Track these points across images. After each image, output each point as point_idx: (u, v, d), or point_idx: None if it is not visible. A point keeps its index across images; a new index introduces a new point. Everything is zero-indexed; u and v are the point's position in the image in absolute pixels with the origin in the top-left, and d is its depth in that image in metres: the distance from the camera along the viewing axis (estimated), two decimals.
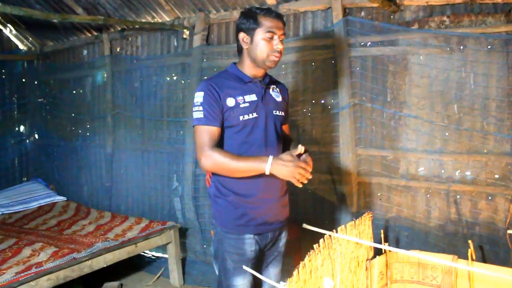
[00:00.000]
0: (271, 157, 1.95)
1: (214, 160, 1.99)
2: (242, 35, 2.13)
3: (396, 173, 3.35)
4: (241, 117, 2.06)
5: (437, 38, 3.13)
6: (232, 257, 2.15)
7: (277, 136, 2.18)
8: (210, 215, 4.17)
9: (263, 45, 2.07)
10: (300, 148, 1.99)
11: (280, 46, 2.07)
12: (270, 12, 2.11)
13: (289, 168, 1.93)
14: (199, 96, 2.06)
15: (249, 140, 2.10)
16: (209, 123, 2.03)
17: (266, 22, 2.07)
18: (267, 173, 1.96)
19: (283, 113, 2.24)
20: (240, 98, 2.07)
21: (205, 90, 2.05)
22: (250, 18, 2.11)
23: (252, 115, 2.08)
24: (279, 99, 2.24)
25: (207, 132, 2.03)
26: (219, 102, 2.04)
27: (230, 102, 2.06)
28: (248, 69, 2.15)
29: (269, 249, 2.27)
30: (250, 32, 2.10)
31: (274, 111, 2.17)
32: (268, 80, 2.21)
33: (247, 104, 2.08)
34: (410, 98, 3.26)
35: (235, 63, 2.21)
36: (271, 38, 2.07)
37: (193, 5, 4.13)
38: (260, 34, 2.07)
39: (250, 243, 2.14)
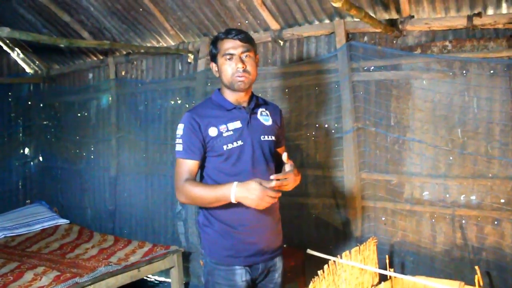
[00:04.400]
0: (235, 184, 1.85)
1: (186, 194, 1.96)
2: (212, 65, 2.13)
3: (401, 198, 3.33)
4: (225, 146, 2.00)
5: (439, 63, 3.16)
6: None
7: (266, 163, 2.09)
8: None
9: (225, 69, 2.03)
10: (288, 167, 1.93)
11: (240, 65, 1.99)
12: (227, 33, 2.04)
13: (254, 197, 1.81)
14: (180, 129, 2.04)
15: (236, 169, 2.02)
16: (187, 156, 2.00)
17: (223, 45, 2.03)
18: (232, 201, 1.86)
19: (273, 138, 2.15)
20: (223, 127, 2.01)
21: (186, 122, 2.02)
22: (212, 45, 2.09)
23: (237, 143, 2.01)
24: (269, 123, 2.15)
25: (184, 166, 2.00)
26: (199, 134, 2.00)
27: (213, 132, 2.01)
28: (229, 95, 2.09)
29: (262, 280, 2.16)
30: (215, 59, 2.09)
31: (262, 137, 2.09)
32: (254, 104, 2.13)
33: (230, 133, 2.01)
34: (414, 122, 3.26)
35: (219, 90, 2.15)
36: (231, 60, 2.01)
37: (198, 29, 4.19)
38: (220, 60, 2.05)
39: (241, 274, 2.04)
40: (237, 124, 2.04)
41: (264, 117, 2.15)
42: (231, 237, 2.04)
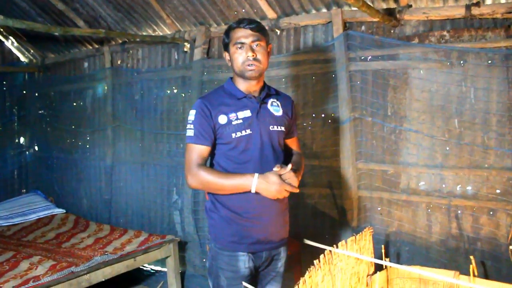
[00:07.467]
0: (256, 175, 1.96)
1: (199, 179, 2.02)
2: (225, 54, 2.16)
3: (397, 188, 3.34)
4: (233, 135, 2.04)
5: (437, 53, 3.14)
6: (225, 274, 2.09)
7: (274, 153, 2.12)
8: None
9: (236, 58, 2.06)
10: (288, 168, 1.99)
11: (250, 54, 2.02)
12: (239, 22, 2.08)
13: (272, 189, 1.95)
14: (191, 114, 2.09)
15: (244, 157, 2.06)
16: (198, 142, 2.05)
17: (235, 34, 2.06)
18: (252, 191, 1.97)
19: (282, 128, 2.17)
20: (232, 115, 2.05)
21: (197, 108, 2.07)
22: (225, 35, 2.13)
23: (246, 131, 2.05)
24: (279, 113, 2.17)
25: (196, 151, 2.05)
26: (210, 120, 2.04)
27: (222, 119, 2.05)
28: (241, 84, 2.12)
29: (265, 269, 2.19)
30: (227, 48, 2.12)
31: (271, 127, 2.11)
32: (265, 94, 2.16)
33: (240, 121, 2.05)
34: (411, 113, 3.26)
35: (232, 78, 2.18)
36: (241, 49, 2.04)
37: (194, 18, 4.15)
38: (232, 48, 2.08)
39: (244, 260, 2.08)
40: (247, 113, 2.07)
41: (275, 108, 2.18)
42: (236, 223, 2.07)
